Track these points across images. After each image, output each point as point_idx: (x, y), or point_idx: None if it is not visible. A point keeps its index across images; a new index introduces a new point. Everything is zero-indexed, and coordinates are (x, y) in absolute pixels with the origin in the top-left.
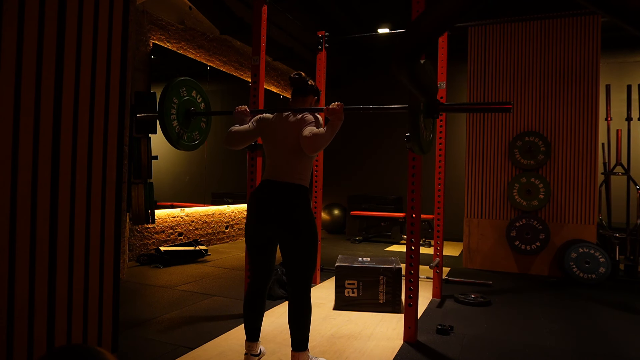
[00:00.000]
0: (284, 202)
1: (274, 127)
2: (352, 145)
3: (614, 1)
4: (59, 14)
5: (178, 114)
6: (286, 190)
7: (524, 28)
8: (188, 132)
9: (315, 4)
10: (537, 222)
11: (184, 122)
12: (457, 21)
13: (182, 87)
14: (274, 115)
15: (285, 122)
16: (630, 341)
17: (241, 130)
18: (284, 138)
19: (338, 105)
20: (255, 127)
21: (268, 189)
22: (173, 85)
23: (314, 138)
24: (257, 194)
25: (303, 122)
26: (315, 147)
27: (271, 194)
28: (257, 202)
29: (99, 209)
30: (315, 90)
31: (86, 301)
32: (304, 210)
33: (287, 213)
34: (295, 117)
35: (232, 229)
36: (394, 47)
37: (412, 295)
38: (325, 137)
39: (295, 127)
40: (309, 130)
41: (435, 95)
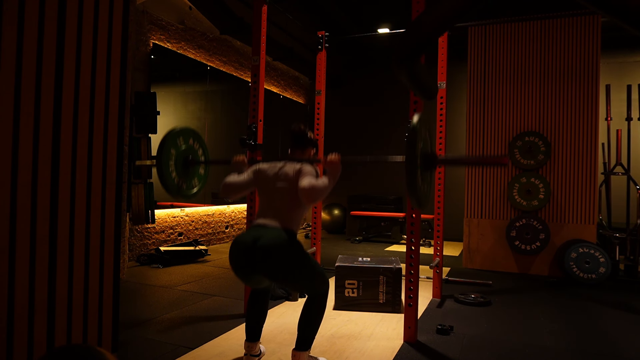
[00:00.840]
0: (269, 246)
1: (271, 177)
2: (353, 145)
3: (614, 1)
4: (59, 14)
5: (176, 164)
6: (273, 233)
7: (524, 28)
8: (187, 180)
9: (315, 4)
10: (537, 222)
11: (182, 171)
12: (457, 21)
13: (179, 137)
14: (270, 165)
15: (282, 172)
16: (630, 341)
17: (237, 182)
18: (279, 187)
19: (335, 156)
20: (252, 178)
21: (255, 231)
22: (171, 137)
23: (312, 190)
24: (241, 237)
25: (301, 172)
26: (314, 199)
27: (257, 236)
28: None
29: (99, 209)
30: (314, 142)
31: (86, 301)
32: (289, 251)
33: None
34: (293, 167)
35: (232, 229)
36: (394, 47)
37: (412, 295)
38: (324, 189)
39: (293, 176)
40: (307, 181)
41: (435, 96)
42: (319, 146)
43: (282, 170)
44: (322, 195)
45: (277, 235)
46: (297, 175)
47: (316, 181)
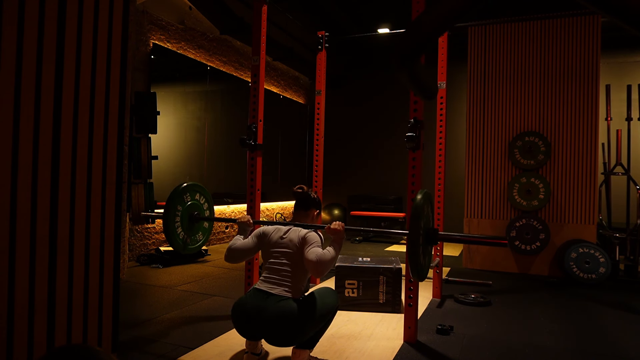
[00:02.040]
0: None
1: (275, 242)
2: (352, 145)
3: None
4: (59, 14)
5: (182, 220)
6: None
7: (524, 28)
8: (192, 235)
9: (315, 4)
10: (537, 222)
11: (188, 226)
12: (457, 21)
13: (185, 194)
14: (274, 229)
15: (286, 238)
16: (630, 341)
17: (241, 248)
18: (284, 253)
19: (339, 225)
20: (256, 242)
21: (260, 299)
22: (177, 193)
23: (320, 264)
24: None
25: (306, 242)
26: (321, 272)
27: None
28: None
29: (99, 209)
30: (318, 203)
31: (86, 301)
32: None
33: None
34: (298, 234)
35: (232, 229)
36: (394, 47)
37: (412, 295)
38: (331, 261)
39: (298, 244)
40: (314, 253)
41: (435, 96)
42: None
43: (287, 235)
44: (330, 267)
45: (283, 307)
46: (302, 243)
47: (322, 253)
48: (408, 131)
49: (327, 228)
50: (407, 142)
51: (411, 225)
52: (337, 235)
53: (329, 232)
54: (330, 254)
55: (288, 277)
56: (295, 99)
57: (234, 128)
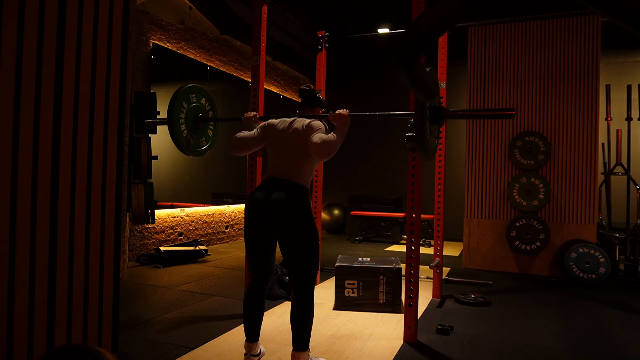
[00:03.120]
0: (283, 200)
1: (280, 132)
2: (352, 145)
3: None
4: (59, 14)
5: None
6: (286, 187)
7: (524, 28)
8: (196, 138)
9: (315, 4)
10: (537, 222)
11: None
12: (457, 21)
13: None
14: (279, 121)
15: (291, 127)
16: (630, 341)
17: (247, 137)
18: (289, 141)
19: (345, 111)
20: (261, 133)
21: (268, 185)
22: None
23: (324, 144)
24: (256, 193)
25: (311, 128)
26: (326, 153)
27: (271, 190)
28: (256, 200)
29: (99, 209)
30: (322, 102)
31: (86, 301)
32: (303, 210)
33: (286, 211)
34: (303, 123)
35: (232, 229)
36: (394, 47)
37: (412, 295)
38: (335, 143)
39: (302, 131)
40: (318, 136)
41: (435, 96)
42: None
43: (292, 125)
44: (334, 150)
45: (289, 187)
46: (307, 130)
47: (327, 136)
48: (408, 131)
49: (331, 114)
50: (407, 142)
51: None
52: (342, 121)
53: (333, 119)
54: (335, 138)
55: (295, 165)
56: (295, 99)
57: (234, 128)
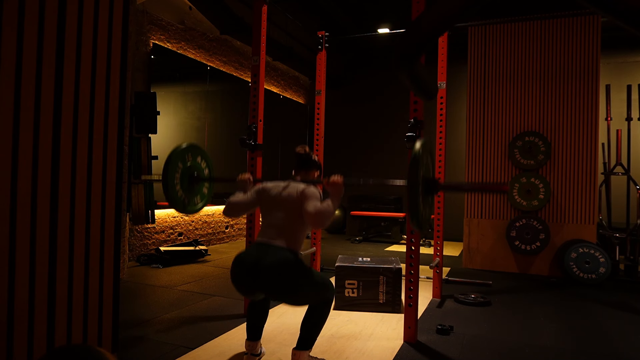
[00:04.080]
0: (275, 269)
1: (274, 197)
2: (353, 145)
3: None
4: (59, 14)
5: (182, 179)
6: (278, 254)
7: (524, 28)
8: (191, 197)
9: (315, 4)
10: (537, 222)
11: (187, 187)
12: (457, 21)
13: (187, 153)
14: (274, 185)
15: (285, 193)
16: (630, 341)
17: (241, 202)
18: (283, 207)
19: (338, 177)
20: (255, 197)
21: (259, 251)
22: (179, 152)
23: (319, 215)
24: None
25: (305, 196)
26: (321, 223)
27: (262, 256)
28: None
29: (99, 209)
30: (319, 165)
31: (86, 301)
32: (296, 275)
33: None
34: (297, 189)
35: (232, 229)
36: (395, 47)
37: (412, 295)
38: (330, 213)
39: (296, 198)
40: (313, 206)
41: (435, 96)
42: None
43: (286, 190)
44: (329, 219)
45: (281, 256)
46: (301, 197)
47: (321, 205)
48: (408, 131)
49: (326, 182)
50: (407, 142)
51: (410, 175)
52: (335, 188)
53: (327, 185)
54: (330, 206)
55: (287, 231)
56: (295, 99)
57: (234, 128)
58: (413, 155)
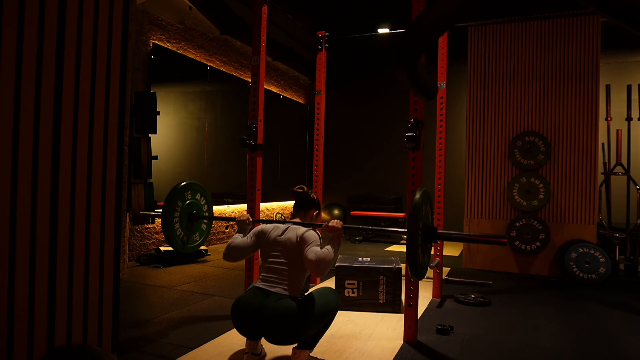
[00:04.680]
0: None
1: (273, 240)
2: (353, 145)
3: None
4: (59, 14)
5: (181, 218)
6: (280, 304)
7: (524, 28)
8: (190, 234)
9: (315, 4)
10: (537, 222)
11: (187, 225)
12: (457, 21)
13: (187, 191)
14: (273, 227)
15: (284, 237)
16: (630, 341)
17: (240, 246)
18: (282, 251)
19: (337, 223)
20: (255, 240)
21: (259, 297)
22: (178, 190)
23: (320, 263)
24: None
25: (304, 241)
26: (321, 271)
27: (264, 306)
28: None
29: (99, 209)
30: (317, 204)
31: (86, 301)
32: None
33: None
34: (296, 233)
35: (232, 229)
36: (395, 46)
37: (412, 295)
38: (330, 259)
39: (296, 243)
40: (313, 253)
41: (435, 95)
42: (321, 206)
43: (285, 234)
44: (329, 266)
45: (282, 305)
46: (301, 242)
47: (322, 252)
48: (408, 131)
49: (325, 226)
50: (407, 142)
51: (410, 225)
52: (335, 233)
53: (326, 230)
54: (330, 253)
55: (287, 276)
56: (295, 99)
57: (234, 128)
58: (413, 205)
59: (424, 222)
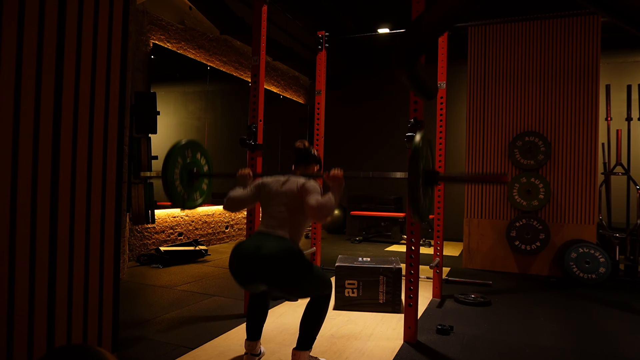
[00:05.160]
0: (274, 257)
1: (274, 191)
2: (353, 145)
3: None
4: (59, 14)
5: (182, 175)
6: (277, 242)
7: (524, 28)
8: (191, 193)
9: (316, 4)
10: (537, 222)
11: (187, 183)
12: (457, 21)
13: (187, 149)
14: (274, 179)
15: (285, 187)
16: (630, 341)
17: (240, 197)
18: (283, 201)
19: (338, 171)
20: (255, 192)
21: (258, 239)
22: (178, 148)
23: (321, 208)
24: (244, 245)
25: (305, 190)
26: (323, 216)
27: (261, 244)
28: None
29: (99, 209)
30: (318, 159)
31: (86, 301)
32: (295, 264)
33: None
34: (297, 183)
35: (232, 229)
36: (395, 46)
37: (412, 295)
38: (331, 206)
39: (297, 192)
40: (314, 199)
41: (435, 95)
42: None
43: (286, 185)
44: (330, 212)
45: (281, 244)
46: (302, 191)
47: (323, 198)
48: (408, 131)
49: (326, 175)
50: (407, 142)
51: (411, 167)
52: (336, 182)
53: (328, 179)
54: (331, 199)
55: (288, 223)
56: (295, 99)
57: (234, 128)
58: (413, 147)
59: (424, 165)
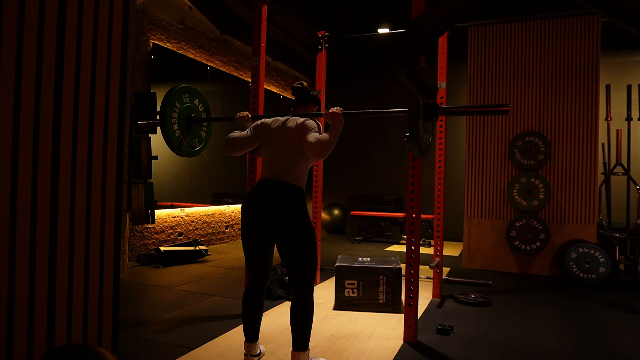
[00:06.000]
0: (280, 202)
1: (273, 131)
2: (352, 145)
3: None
4: (59, 14)
5: (179, 120)
6: (283, 189)
7: (524, 28)
8: (189, 139)
9: (316, 4)
10: (537, 222)
11: (185, 128)
12: (457, 21)
13: (185, 94)
14: (272, 120)
15: (284, 126)
16: (630, 341)
17: (240, 137)
18: (283, 141)
19: (338, 109)
20: (254, 133)
21: (265, 188)
22: (176, 91)
23: (320, 144)
24: (251, 195)
25: (305, 128)
26: (322, 153)
27: (268, 192)
28: (253, 201)
29: (99, 209)
30: (317, 99)
31: (86, 301)
32: (299, 211)
33: (283, 213)
34: (296, 122)
35: (232, 229)
36: (394, 46)
37: (412, 295)
38: (330, 142)
39: (296, 131)
40: (313, 136)
41: (435, 96)
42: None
43: (285, 124)
44: (329, 149)
45: (286, 191)
46: (301, 129)
47: (322, 136)
48: (407, 131)
49: (326, 114)
50: (406, 142)
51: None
52: (335, 119)
53: (327, 117)
54: (331, 136)
55: (290, 165)
56: None
57: (234, 128)
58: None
59: None
